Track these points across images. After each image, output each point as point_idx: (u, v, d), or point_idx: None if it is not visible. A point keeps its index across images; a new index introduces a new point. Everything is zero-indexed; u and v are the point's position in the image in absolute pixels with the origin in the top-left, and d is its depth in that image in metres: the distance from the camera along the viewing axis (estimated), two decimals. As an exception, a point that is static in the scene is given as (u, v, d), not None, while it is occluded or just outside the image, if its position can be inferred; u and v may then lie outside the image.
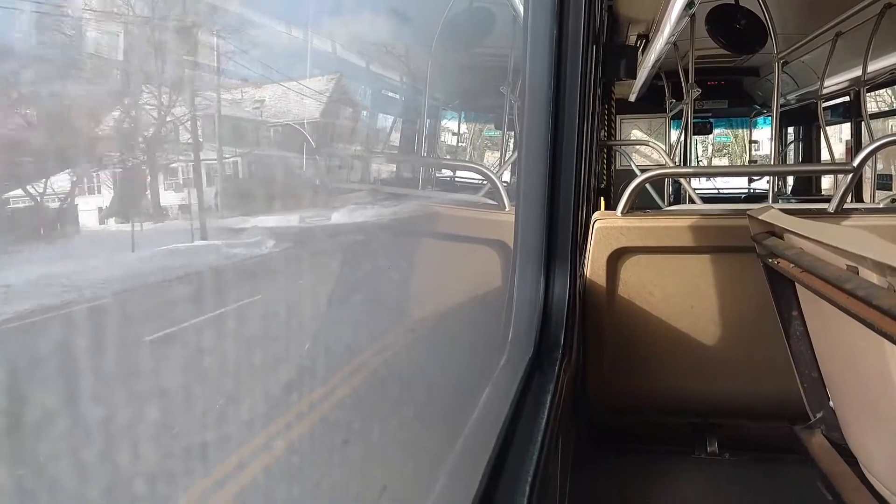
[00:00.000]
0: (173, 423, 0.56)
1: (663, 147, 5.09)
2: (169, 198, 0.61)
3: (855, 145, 5.48)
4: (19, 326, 0.44)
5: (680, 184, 4.77)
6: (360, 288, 1.05)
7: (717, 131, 7.67)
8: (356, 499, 0.80)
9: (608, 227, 2.17)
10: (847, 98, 5.46)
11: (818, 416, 1.75)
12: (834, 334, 1.56)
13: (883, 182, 5.08)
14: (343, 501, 0.78)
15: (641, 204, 2.70)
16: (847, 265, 1.27)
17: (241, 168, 0.77)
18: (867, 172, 4.87)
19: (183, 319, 0.61)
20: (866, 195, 5.01)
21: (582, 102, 1.64)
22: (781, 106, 4.59)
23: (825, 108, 5.42)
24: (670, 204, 4.49)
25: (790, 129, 6.86)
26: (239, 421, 0.64)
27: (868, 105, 4.69)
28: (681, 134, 5.36)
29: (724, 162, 8.73)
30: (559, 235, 1.56)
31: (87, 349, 0.46)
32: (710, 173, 6.50)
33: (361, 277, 1.07)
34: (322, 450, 0.79)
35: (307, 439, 0.77)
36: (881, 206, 3.60)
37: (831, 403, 1.72)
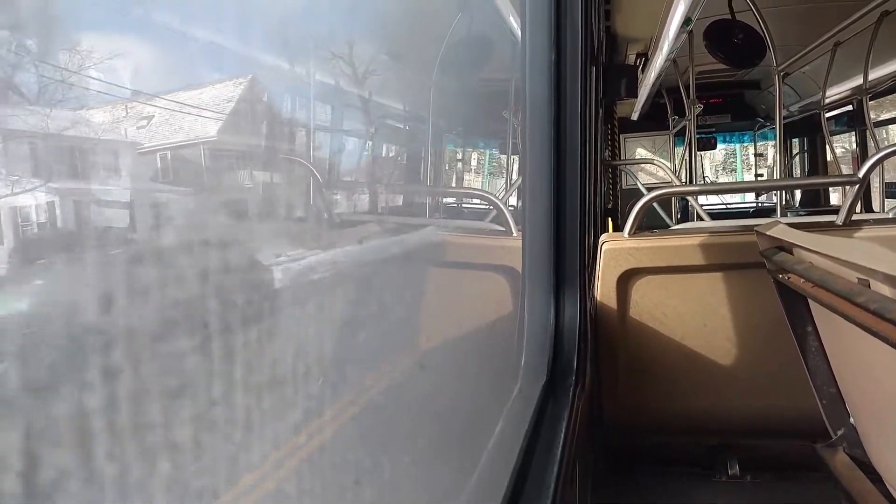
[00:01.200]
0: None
1: (668, 165, 5.09)
2: None
3: (861, 155, 5.46)
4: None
5: (687, 201, 4.76)
6: (369, 319, 1.05)
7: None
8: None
9: (616, 248, 2.16)
10: (850, 107, 5.46)
11: (839, 433, 1.72)
12: (849, 349, 1.54)
13: (892, 191, 5.05)
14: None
15: (649, 222, 2.70)
16: (858, 278, 1.26)
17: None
18: (875, 181, 4.85)
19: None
20: (876, 205, 4.98)
21: (583, 123, 1.64)
22: (784, 118, 4.59)
23: (829, 119, 5.42)
24: (678, 221, 4.48)
25: (795, 141, 6.85)
26: (231, 462, 0.63)
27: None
28: (685, 150, 5.36)
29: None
30: (567, 259, 1.55)
31: None
32: (716, 191, 6.50)
33: (371, 309, 1.07)
34: (331, 484, 0.78)
35: (313, 471, 0.76)
36: (890, 215, 3.57)
37: (852, 420, 1.69)
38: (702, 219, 3.34)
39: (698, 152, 5.88)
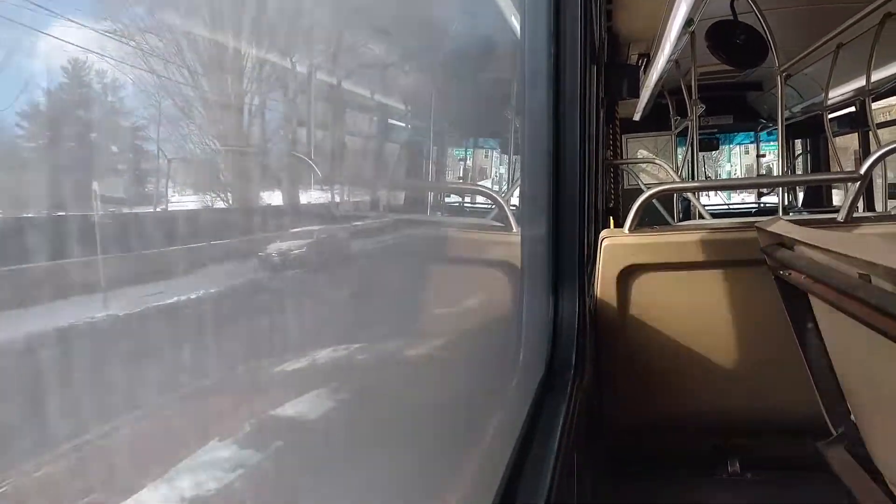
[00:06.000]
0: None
1: (670, 165, 5.08)
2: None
3: (863, 155, 5.45)
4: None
5: (689, 201, 4.75)
6: (369, 311, 1.05)
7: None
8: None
9: (616, 244, 2.15)
10: (853, 108, 5.45)
11: (840, 430, 1.71)
12: (850, 345, 1.53)
13: (894, 191, 5.04)
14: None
15: (653, 224, 2.69)
16: (859, 273, 1.25)
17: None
18: (878, 182, 4.84)
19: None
20: (878, 206, 4.97)
21: (583, 122, 1.64)
22: (787, 119, 4.58)
23: (832, 119, 5.40)
24: (680, 221, 4.47)
25: (797, 142, 6.84)
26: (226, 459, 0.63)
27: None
28: (687, 151, 5.35)
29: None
30: (566, 255, 1.55)
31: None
32: (716, 187, 6.48)
33: (371, 301, 1.07)
34: (323, 474, 0.78)
35: (305, 460, 0.76)
36: (892, 213, 3.56)
37: (852, 417, 1.68)
38: (703, 218, 3.33)
39: (701, 153, 5.87)
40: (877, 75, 4.43)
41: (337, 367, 0.87)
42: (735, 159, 8.62)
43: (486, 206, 2.45)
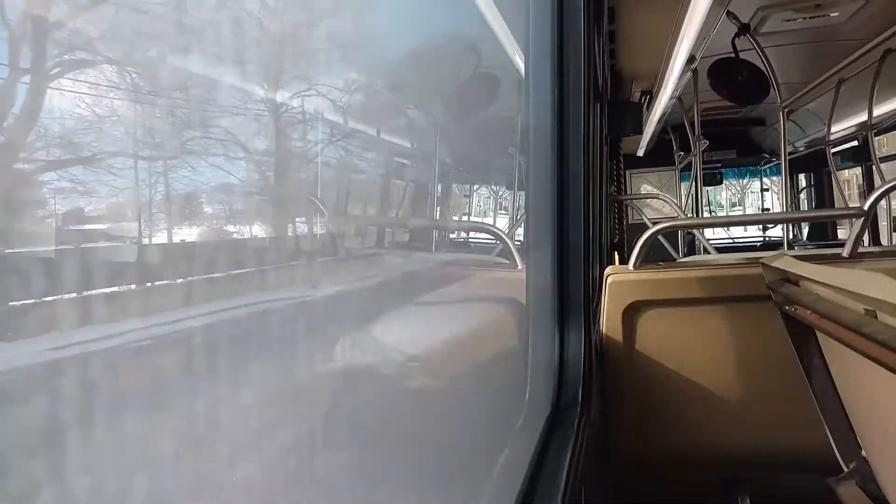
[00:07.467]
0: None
1: (675, 200, 5.10)
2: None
3: (867, 189, 5.47)
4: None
5: (694, 235, 4.77)
6: (371, 350, 1.05)
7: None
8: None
9: (621, 281, 2.16)
10: (856, 143, 5.48)
11: (851, 466, 1.69)
12: (858, 381, 1.52)
13: None
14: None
15: (657, 258, 2.70)
16: (865, 309, 1.25)
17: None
18: (883, 216, 4.85)
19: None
20: (884, 239, 4.97)
21: (587, 158, 1.66)
22: (790, 153, 4.61)
23: (835, 154, 5.44)
24: (685, 256, 4.47)
25: (801, 177, 6.87)
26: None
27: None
28: (691, 186, 5.38)
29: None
30: (571, 292, 1.56)
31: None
32: (720, 223, 6.50)
33: (376, 338, 1.07)
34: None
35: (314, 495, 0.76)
36: None
37: (864, 452, 1.67)
38: (708, 253, 3.34)
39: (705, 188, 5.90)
40: (878, 110, 4.47)
41: (342, 402, 0.88)
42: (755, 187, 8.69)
43: (491, 241, 2.47)
